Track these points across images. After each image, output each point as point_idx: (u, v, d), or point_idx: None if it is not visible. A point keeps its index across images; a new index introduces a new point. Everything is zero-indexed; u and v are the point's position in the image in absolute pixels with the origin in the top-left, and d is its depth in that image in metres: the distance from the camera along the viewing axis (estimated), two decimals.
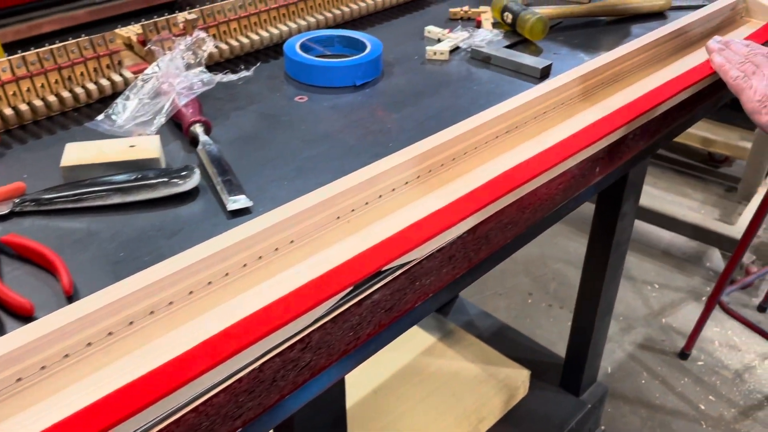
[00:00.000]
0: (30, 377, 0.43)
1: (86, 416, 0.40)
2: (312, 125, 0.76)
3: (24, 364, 0.43)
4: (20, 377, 0.43)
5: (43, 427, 0.39)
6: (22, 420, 0.41)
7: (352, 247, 0.55)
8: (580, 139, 0.71)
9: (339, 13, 0.98)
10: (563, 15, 1.00)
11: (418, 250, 0.57)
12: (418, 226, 0.58)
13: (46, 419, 0.41)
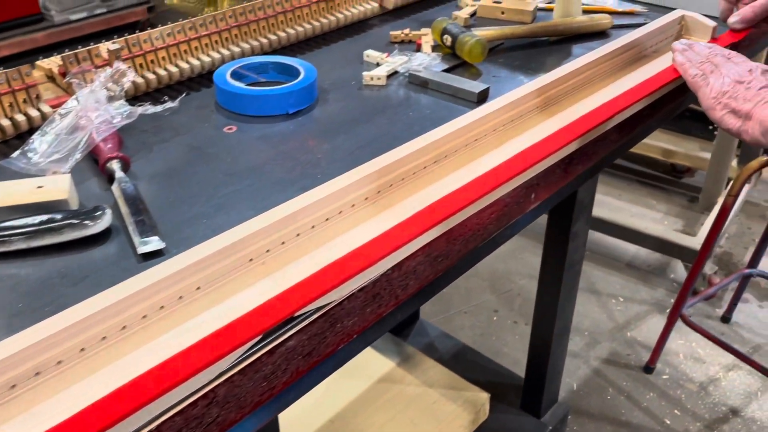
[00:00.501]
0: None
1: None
2: (238, 157, 0.73)
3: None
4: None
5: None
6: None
7: (264, 291, 0.52)
8: (511, 167, 0.69)
9: (275, 38, 0.96)
10: (504, 36, 0.99)
11: (336, 291, 0.54)
12: (336, 266, 0.55)
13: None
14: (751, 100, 0.79)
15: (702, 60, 0.86)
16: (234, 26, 0.92)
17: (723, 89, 0.82)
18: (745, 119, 0.79)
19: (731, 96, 0.81)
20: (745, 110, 0.79)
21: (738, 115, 0.80)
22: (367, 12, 1.07)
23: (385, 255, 0.57)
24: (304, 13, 1.00)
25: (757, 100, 0.78)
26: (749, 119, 0.78)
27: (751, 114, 0.78)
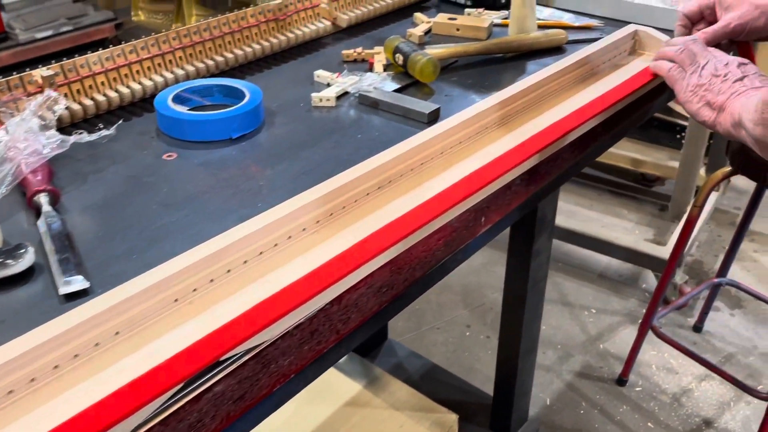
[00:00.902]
0: None
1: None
2: (176, 186, 0.70)
3: None
4: None
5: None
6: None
7: (188, 334, 0.50)
8: (458, 191, 0.67)
9: (222, 60, 0.93)
10: (457, 54, 0.97)
11: (267, 331, 0.52)
12: (268, 304, 0.53)
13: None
14: (726, 92, 0.79)
15: (677, 51, 0.85)
16: (178, 48, 0.89)
17: (700, 82, 0.82)
18: (719, 111, 0.79)
19: (707, 88, 0.80)
20: (719, 102, 0.79)
21: (712, 108, 0.80)
22: (319, 31, 1.05)
23: (321, 290, 0.54)
24: (253, 33, 0.97)
25: (731, 92, 0.78)
26: (722, 111, 0.78)
27: (725, 106, 0.78)
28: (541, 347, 1.97)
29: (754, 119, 0.68)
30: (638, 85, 0.88)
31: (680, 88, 0.84)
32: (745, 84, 0.78)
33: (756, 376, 1.88)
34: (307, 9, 1.04)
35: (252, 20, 0.96)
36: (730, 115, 0.77)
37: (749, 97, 0.75)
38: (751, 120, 0.69)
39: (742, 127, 0.74)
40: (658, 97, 0.99)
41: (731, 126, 0.77)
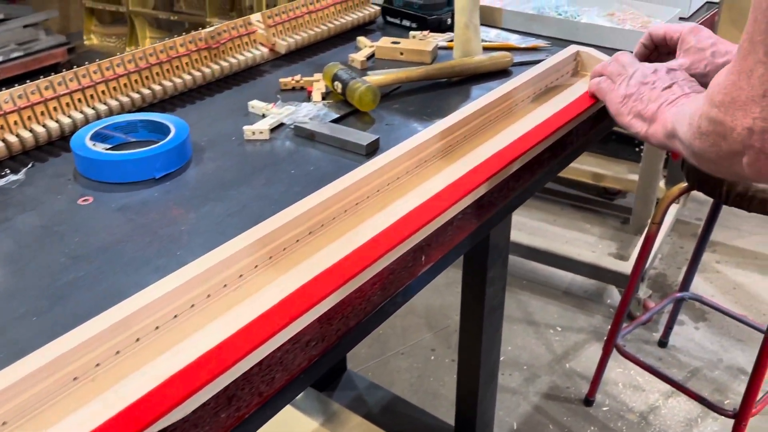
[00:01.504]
0: None
1: None
2: (88, 235, 0.65)
3: None
4: None
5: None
6: None
7: (88, 418, 0.44)
8: (395, 233, 0.63)
9: (149, 92, 0.88)
10: (399, 80, 0.93)
11: (180, 409, 0.46)
12: (180, 378, 0.47)
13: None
14: (656, 101, 0.75)
15: (607, 64, 0.84)
16: (100, 82, 0.84)
17: (628, 92, 0.78)
18: (650, 122, 0.75)
19: (636, 98, 0.77)
20: (649, 113, 0.75)
21: (644, 119, 0.76)
22: (256, 58, 1.00)
23: (241, 357, 0.49)
24: (183, 63, 0.92)
25: (661, 101, 0.74)
26: (654, 122, 0.74)
27: (655, 116, 0.74)
28: (507, 369, 1.94)
29: (691, 132, 0.63)
30: (581, 109, 0.85)
31: (610, 100, 0.81)
32: (674, 91, 0.74)
33: (722, 391, 1.86)
34: (242, 36, 0.99)
35: (182, 50, 0.91)
36: (662, 126, 0.73)
37: (680, 105, 0.72)
38: (687, 133, 0.64)
39: (676, 138, 0.69)
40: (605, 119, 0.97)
41: (664, 137, 0.73)
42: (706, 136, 0.59)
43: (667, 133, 0.72)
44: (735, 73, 0.53)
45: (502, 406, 1.81)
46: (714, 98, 0.56)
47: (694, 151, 0.64)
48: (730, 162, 0.57)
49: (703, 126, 0.59)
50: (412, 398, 1.83)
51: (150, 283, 0.54)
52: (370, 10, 1.18)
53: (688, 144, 0.65)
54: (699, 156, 0.63)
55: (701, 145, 0.61)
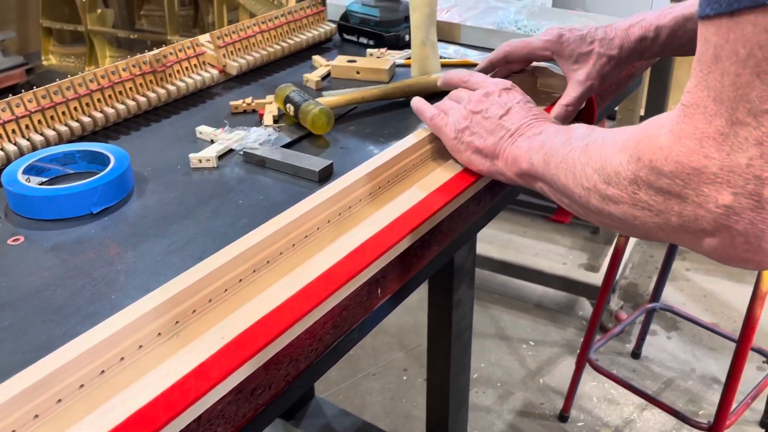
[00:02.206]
0: None
1: None
2: (16, 279, 0.60)
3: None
4: None
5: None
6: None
7: None
8: (346, 268, 0.59)
9: (89, 121, 0.83)
10: (354, 101, 0.90)
11: None
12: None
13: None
14: (493, 132, 0.67)
15: (446, 104, 0.75)
16: (36, 111, 0.79)
17: (461, 125, 0.70)
18: (492, 158, 0.67)
19: (472, 132, 0.68)
20: (488, 148, 0.67)
21: (483, 155, 0.68)
22: (206, 80, 0.96)
23: (174, 417, 0.45)
24: (127, 88, 0.88)
25: (500, 134, 0.66)
26: (497, 158, 0.67)
27: (497, 152, 0.66)
28: (481, 386, 1.91)
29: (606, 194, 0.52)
30: None
31: (444, 137, 0.72)
32: (512, 119, 0.66)
33: (696, 401, 1.85)
34: (190, 57, 0.95)
35: (125, 74, 0.87)
36: (512, 163, 0.65)
37: (532, 141, 0.63)
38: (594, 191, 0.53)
39: (545, 183, 0.61)
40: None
41: (516, 176, 0.65)
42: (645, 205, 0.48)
43: (521, 172, 0.64)
44: (693, 139, 0.43)
45: (477, 425, 1.77)
46: (659, 166, 0.46)
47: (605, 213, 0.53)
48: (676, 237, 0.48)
49: (643, 194, 0.48)
50: (385, 421, 1.79)
51: (81, 331, 0.50)
52: (326, 28, 1.15)
53: (590, 203, 0.54)
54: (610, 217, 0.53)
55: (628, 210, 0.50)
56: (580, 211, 0.58)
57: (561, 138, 0.60)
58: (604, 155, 0.52)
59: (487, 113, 0.68)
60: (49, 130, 0.80)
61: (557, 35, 0.82)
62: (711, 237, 0.45)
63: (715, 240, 0.45)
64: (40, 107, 0.79)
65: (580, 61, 0.82)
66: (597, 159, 0.53)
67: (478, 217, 0.79)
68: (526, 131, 0.65)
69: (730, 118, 0.41)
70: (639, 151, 0.48)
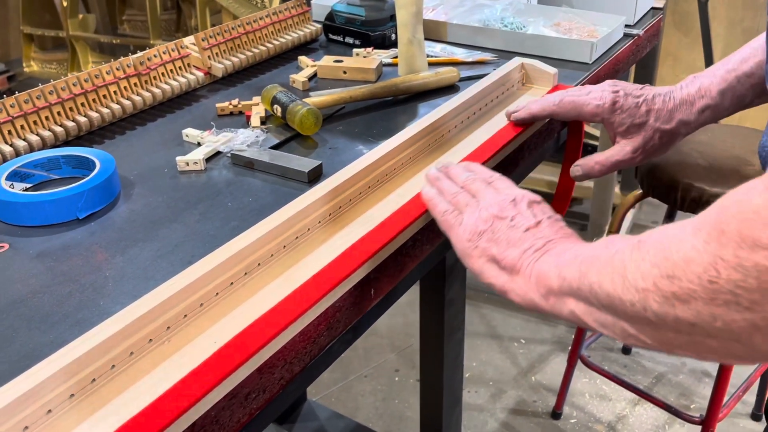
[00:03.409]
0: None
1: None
2: (2, 287, 0.59)
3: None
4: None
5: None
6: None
7: None
8: (338, 269, 0.58)
9: (73, 125, 0.82)
10: (342, 100, 0.89)
11: None
12: None
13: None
14: (516, 245, 0.56)
15: (456, 191, 0.64)
16: (18, 116, 0.77)
17: (478, 228, 0.59)
18: (510, 273, 0.56)
19: (490, 238, 0.58)
20: (507, 260, 0.56)
21: (501, 267, 0.57)
22: (191, 83, 0.95)
23: (168, 424, 0.44)
24: (111, 92, 0.86)
25: (524, 247, 0.56)
26: (516, 274, 0.56)
27: (518, 267, 0.55)
28: (473, 385, 1.90)
29: (671, 291, 0.40)
30: (523, 128, 0.82)
31: (456, 236, 0.61)
32: (543, 234, 0.56)
33: (688, 395, 1.86)
34: (175, 60, 0.94)
35: (108, 77, 0.86)
36: (537, 283, 0.53)
37: (566, 255, 0.52)
38: (655, 292, 0.41)
39: (581, 299, 0.48)
40: (559, 131, 0.94)
41: (541, 297, 0.53)
42: (730, 296, 0.37)
43: (548, 291, 0.52)
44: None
45: (470, 424, 1.77)
46: (753, 235, 0.35)
47: (670, 318, 0.40)
48: (739, 336, 0.37)
49: (724, 281, 0.37)
50: (378, 422, 1.78)
51: (69, 339, 0.49)
52: (311, 28, 1.14)
53: (647, 308, 0.42)
54: (674, 327, 0.40)
55: (703, 308, 0.38)
56: (632, 330, 0.44)
57: (599, 244, 0.50)
58: (666, 244, 0.41)
59: (513, 222, 0.58)
60: (33, 135, 0.78)
61: (611, 102, 0.76)
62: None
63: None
64: (23, 112, 0.78)
65: (631, 132, 0.77)
66: (657, 250, 0.42)
67: None
68: (554, 248, 0.55)
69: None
70: (721, 223, 0.37)
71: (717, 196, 1.42)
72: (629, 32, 1.16)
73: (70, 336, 0.51)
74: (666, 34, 2.58)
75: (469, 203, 0.62)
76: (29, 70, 3.51)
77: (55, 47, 3.57)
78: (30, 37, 3.43)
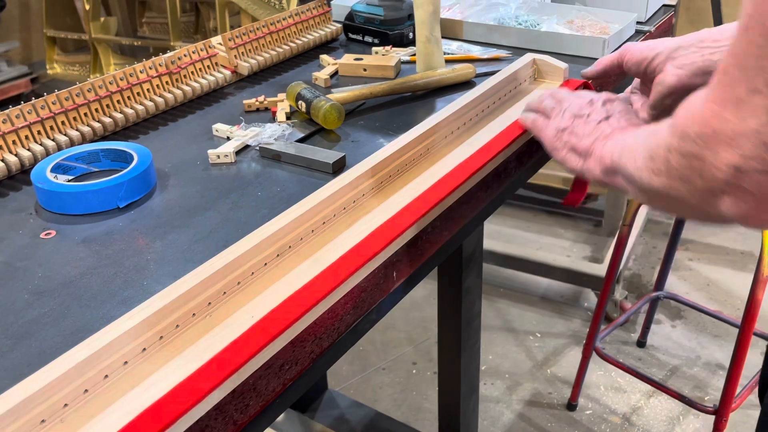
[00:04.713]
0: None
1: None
2: (52, 269, 0.64)
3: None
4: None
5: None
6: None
7: None
8: (362, 251, 0.62)
9: (110, 121, 0.86)
10: (363, 96, 0.93)
11: None
12: (150, 413, 0.46)
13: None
14: (590, 134, 0.71)
15: (541, 99, 0.79)
16: (59, 112, 0.82)
17: (562, 126, 0.75)
18: (585, 157, 0.71)
19: (571, 132, 0.73)
20: (584, 147, 0.71)
21: (578, 153, 0.72)
22: (219, 81, 1.00)
23: (210, 390, 0.48)
24: (144, 90, 0.91)
25: (596, 135, 0.70)
26: (589, 156, 0.70)
27: (591, 151, 0.70)
28: (489, 378, 1.94)
29: (648, 168, 0.56)
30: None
31: (545, 136, 0.77)
32: (611, 124, 0.70)
33: (702, 387, 1.88)
34: (203, 59, 0.99)
35: (142, 76, 0.91)
36: (599, 161, 0.68)
37: (623, 139, 0.66)
38: (641, 169, 0.57)
39: (619, 174, 0.64)
40: None
41: (602, 173, 0.68)
42: (676, 172, 0.52)
43: (606, 169, 0.67)
44: (717, 102, 0.46)
45: (486, 416, 1.80)
46: (687, 130, 0.49)
47: (653, 189, 0.56)
48: (704, 202, 0.51)
49: (673, 161, 0.51)
50: (396, 414, 1.82)
51: (117, 316, 0.53)
52: (331, 28, 1.18)
53: (642, 181, 0.57)
54: (657, 194, 0.56)
55: (666, 182, 0.53)
56: (642, 197, 0.61)
57: (642, 132, 0.62)
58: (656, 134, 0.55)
59: (589, 118, 0.72)
60: (73, 131, 0.83)
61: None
62: (727, 196, 0.48)
63: (728, 199, 0.48)
64: (64, 109, 0.83)
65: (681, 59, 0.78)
66: (650, 138, 0.57)
67: (486, 204, 0.82)
68: (618, 135, 0.68)
69: (749, 86, 0.43)
70: (676, 119, 0.51)
71: None
72: (640, 29, 1.20)
73: (118, 312, 0.55)
74: (680, 30, 2.60)
75: (554, 107, 0.76)
76: (52, 72, 3.59)
77: (77, 49, 3.65)
78: (53, 40, 3.51)
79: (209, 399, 0.48)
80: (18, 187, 0.78)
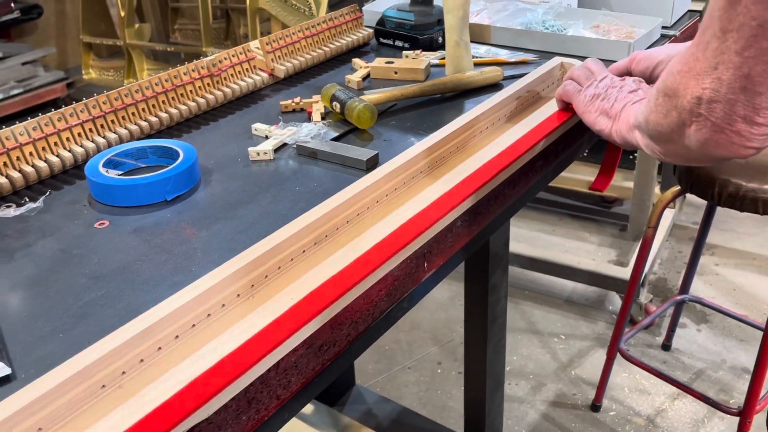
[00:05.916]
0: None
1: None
2: (106, 256, 0.68)
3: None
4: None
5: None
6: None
7: (116, 424, 0.47)
8: (396, 240, 0.66)
9: (155, 120, 0.91)
10: (394, 98, 0.97)
11: (203, 409, 0.49)
12: (202, 381, 0.50)
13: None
14: (621, 100, 0.79)
15: (578, 73, 0.87)
16: (109, 112, 0.87)
17: (596, 92, 0.83)
18: (614, 120, 0.79)
19: (604, 98, 0.81)
20: (614, 110, 0.79)
21: (609, 116, 0.80)
22: (257, 83, 1.04)
23: (256, 361, 0.52)
24: (187, 91, 0.96)
25: (626, 101, 0.79)
26: (618, 119, 0.78)
27: (620, 114, 0.78)
28: (514, 378, 1.96)
29: (647, 108, 0.67)
30: (565, 118, 0.89)
31: (577, 100, 0.85)
32: (639, 94, 0.79)
33: (727, 390, 1.88)
34: (242, 62, 1.03)
35: (185, 78, 0.96)
36: (626, 122, 0.77)
37: (643, 103, 0.74)
38: (644, 111, 0.68)
39: (637, 128, 0.73)
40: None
41: (626, 131, 0.77)
42: (661, 107, 0.62)
43: (629, 126, 0.76)
44: (695, 45, 0.57)
45: (511, 415, 1.82)
46: (673, 68, 0.59)
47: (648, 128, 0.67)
48: (679, 134, 0.61)
49: (660, 97, 0.62)
50: (421, 411, 1.85)
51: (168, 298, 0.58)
52: (363, 33, 1.22)
53: (647, 124, 0.67)
54: (651, 133, 0.66)
55: (655, 118, 0.64)
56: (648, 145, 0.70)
57: None
58: (656, 90, 0.65)
59: (622, 88, 0.81)
60: (122, 129, 0.88)
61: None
62: (693, 125, 0.58)
63: (693, 127, 0.58)
64: (113, 108, 0.88)
65: None
66: (653, 94, 0.66)
67: (513, 201, 0.86)
68: (644, 100, 0.76)
69: (713, 33, 0.54)
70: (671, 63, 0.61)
71: (754, 191, 1.46)
72: (666, 33, 1.22)
73: (169, 295, 0.59)
74: None
75: (588, 77, 0.86)
76: (87, 77, 3.69)
77: (112, 55, 3.75)
78: (89, 46, 3.61)
79: (254, 370, 0.52)
80: (71, 181, 0.83)
